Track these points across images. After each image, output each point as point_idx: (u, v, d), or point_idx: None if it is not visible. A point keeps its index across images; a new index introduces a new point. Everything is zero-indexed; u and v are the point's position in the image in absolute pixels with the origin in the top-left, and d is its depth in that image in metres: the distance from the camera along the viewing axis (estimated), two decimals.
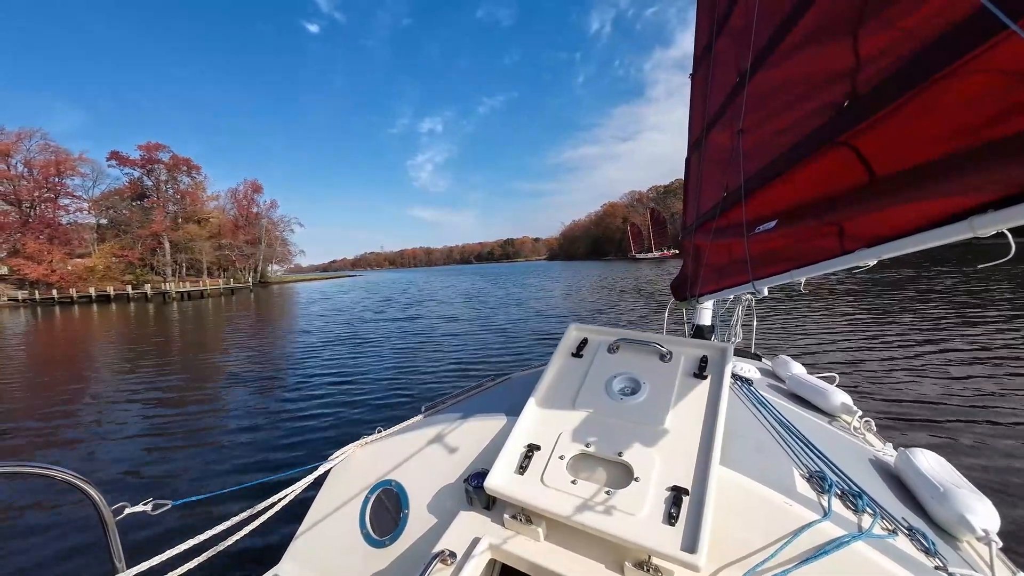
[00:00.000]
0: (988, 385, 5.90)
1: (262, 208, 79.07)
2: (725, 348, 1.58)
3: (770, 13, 1.62)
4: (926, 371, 6.63)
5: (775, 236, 1.66)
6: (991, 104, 0.77)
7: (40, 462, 1.03)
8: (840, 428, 2.09)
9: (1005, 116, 0.75)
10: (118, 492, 4.28)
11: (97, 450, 5.54)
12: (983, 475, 3.69)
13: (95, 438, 5.94)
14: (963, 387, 5.89)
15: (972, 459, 4.01)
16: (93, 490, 1.06)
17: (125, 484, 4.55)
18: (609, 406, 1.47)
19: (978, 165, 0.80)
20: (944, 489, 1.39)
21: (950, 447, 4.25)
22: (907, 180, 0.99)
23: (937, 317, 10.43)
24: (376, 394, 7.12)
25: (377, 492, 1.59)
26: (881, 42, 1.05)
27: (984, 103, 0.79)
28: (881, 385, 6.17)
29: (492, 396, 2.16)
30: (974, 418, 4.90)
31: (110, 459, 5.23)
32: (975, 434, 4.54)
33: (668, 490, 1.18)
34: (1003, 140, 0.75)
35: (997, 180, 0.77)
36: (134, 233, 57.38)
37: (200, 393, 8.09)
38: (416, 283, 52.12)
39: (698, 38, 2.81)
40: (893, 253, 1.10)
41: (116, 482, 4.58)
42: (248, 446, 5.35)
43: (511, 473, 1.32)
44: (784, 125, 1.58)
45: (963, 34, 0.79)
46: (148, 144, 61.26)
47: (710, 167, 2.74)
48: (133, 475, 4.76)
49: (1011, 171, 0.74)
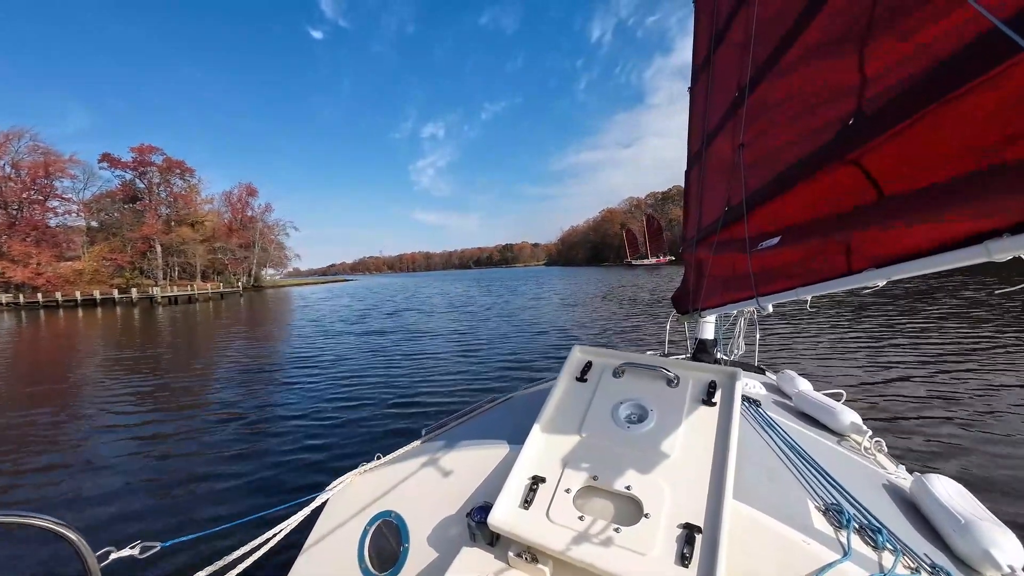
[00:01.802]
0: (1002, 402, 5.47)
1: (257, 211, 78.60)
2: (734, 373, 1.52)
3: (770, 27, 1.61)
4: (935, 385, 6.25)
5: (779, 253, 1.62)
6: (1007, 126, 0.75)
7: (15, 508, 0.94)
8: (851, 449, 2.03)
9: (1021, 139, 0.72)
10: (101, 533, 3.86)
11: (75, 486, 4.90)
12: (1002, 503, 3.40)
13: (72, 471, 5.28)
14: (978, 404, 5.46)
15: (989, 484, 3.71)
16: (75, 535, 0.98)
17: (108, 524, 4.04)
18: (616, 435, 1.42)
19: (993, 188, 0.78)
20: (965, 521, 1.33)
21: (966, 471, 3.93)
22: (918, 201, 0.96)
23: (945, 328, 9.91)
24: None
25: (377, 524, 1.52)
26: (888, 60, 1.03)
27: (999, 125, 0.77)
28: (889, 400, 5.81)
29: (494, 419, 2.11)
30: (990, 438, 4.55)
31: (90, 496, 4.60)
32: (991, 456, 4.18)
33: (680, 527, 1.14)
34: (1018, 163, 0.73)
35: (1012, 205, 0.75)
36: (124, 236, 56.69)
37: (183, 416, 7.26)
38: (408, 288, 51.42)
39: (697, 50, 2.79)
40: (904, 275, 1.07)
41: (99, 524, 4.05)
42: (237, 475, 4.86)
43: (515, 507, 1.28)
44: (787, 140, 1.54)
45: (976, 55, 0.78)
46: (141, 146, 60.83)
47: (711, 180, 2.67)
48: (116, 514, 4.20)
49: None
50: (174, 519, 4.06)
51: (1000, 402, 5.58)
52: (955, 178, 0.86)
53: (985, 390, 6.01)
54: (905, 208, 1.00)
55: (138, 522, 4.07)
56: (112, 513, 4.22)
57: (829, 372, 7.30)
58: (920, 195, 0.95)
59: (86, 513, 4.22)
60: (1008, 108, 0.74)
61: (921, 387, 6.30)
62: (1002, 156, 0.76)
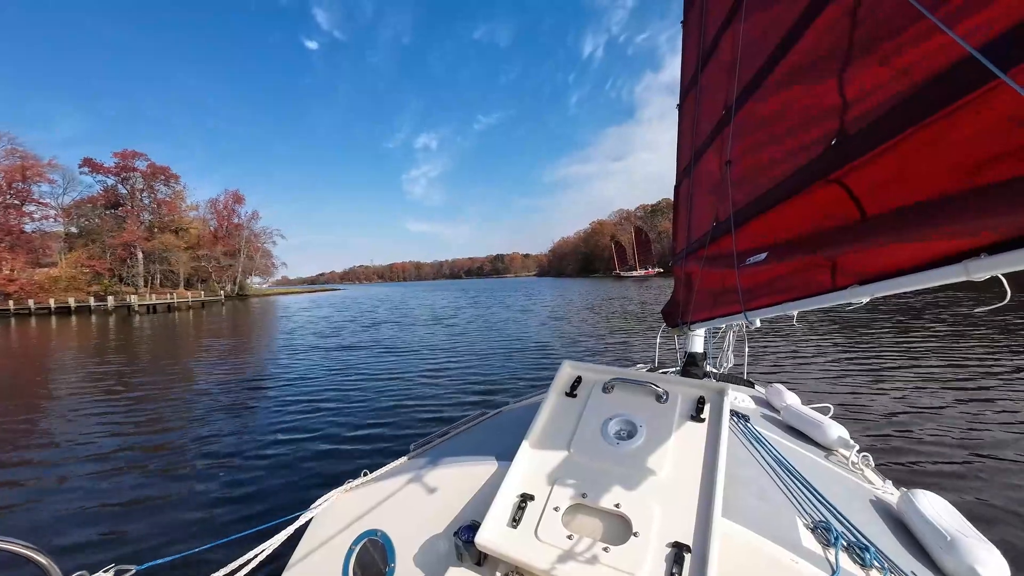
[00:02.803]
0: (987, 418, 5.53)
1: (243, 219, 77.49)
2: (723, 389, 1.53)
3: (755, 49, 1.65)
4: (921, 400, 6.31)
5: (766, 268, 1.64)
6: (984, 149, 0.78)
7: None
8: (838, 464, 2.06)
9: (998, 162, 0.75)
10: (72, 557, 3.62)
11: (41, 507, 4.50)
12: (987, 519, 3.44)
13: (36, 491, 4.89)
14: (963, 419, 5.50)
15: (974, 499, 3.76)
16: (44, 559, 0.94)
17: (80, 547, 3.76)
18: (605, 451, 1.42)
19: (971, 209, 0.81)
20: (951, 538, 1.36)
21: (951, 486, 3.98)
22: (899, 220, 0.99)
23: (933, 344, 9.90)
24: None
25: (362, 543, 1.49)
26: (868, 83, 1.06)
27: (976, 148, 0.80)
28: (875, 414, 5.82)
29: (483, 434, 2.11)
30: (975, 454, 4.60)
31: (59, 516, 4.25)
32: (976, 471, 4.24)
33: (669, 546, 1.13)
34: (996, 185, 0.75)
35: (991, 225, 0.77)
36: (104, 242, 55.32)
37: (155, 433, 6.82)
38: (392, 299, 50.68)
39: (685, 68, 2.85)
40: (886, 292, 1.09)
41: (70, 547, 3.77)
42: (216, 494, 4.57)
43: (503, 527, 1.26)
44: (773, 158, 1.57)
45: (953, 80, 0.81)
46: (124, 151, 59.82)
47: (700, 195, 2.71)
48: (88, 536, 3.92)
49: (1005, 217, 0.74)
50: (149, 541, 3.80)
51: (985, 417, 5.59)
52: (934, 199, 0.88)
53: (971, 405, 6.02)
54: (887, 227, 1.02)
55: (111, 545, 3.81)
56: (84, 536, 3.93)
57: (817, 386, 7.28)
58: (901, 214, 0.97)
59: (55, 536, 3.94)
60: (984, 132, 0.76)
61: (907, 402, 6.31)
62: (979, 179, 0.78)
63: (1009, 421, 5.42)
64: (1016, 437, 4.97)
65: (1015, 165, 0.71)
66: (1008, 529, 3.35)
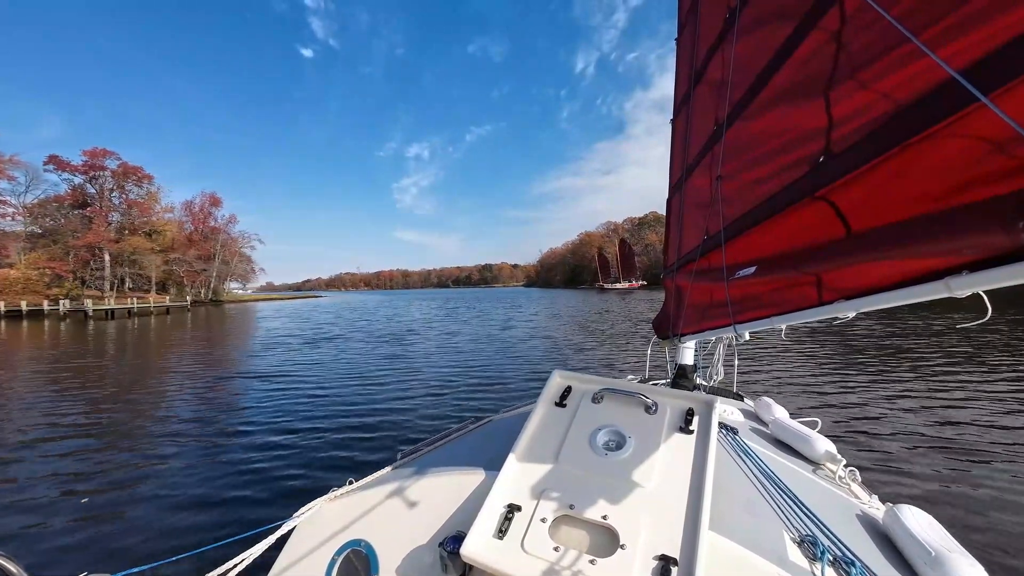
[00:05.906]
0: (972, 433, 5.56)
1: (220, 222, 75.42)
2: (711, 401, 1.54)
3: (745, 69, 1.70)
4: (908, 415, 6.35)
5: (755, 282, 1.67)
6: (965, 169, 0.80)
7: None
8: (825, 478, 2.05)
9: (978, 182, 0.77)
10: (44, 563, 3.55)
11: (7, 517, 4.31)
12: (971, 534, 3.47)
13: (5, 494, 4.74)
14: (945, 435, 5.55)
15: (958, 514, 3.79)
16: (15, 567, 0.92)
17: (54, 556, 3.66)
18: (593, 462, 1.41)
19: (952, 228, 0.83)
20: (935, 553, 1.37)
21: (936, 500, 4.04)
22: (883, 237, 1.02)
23: (919, 361, 9.88)
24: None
25: (345, 553, 1.46)
26: (852, 105, 1.09)
27: (958, 168, 0.81)
28: (862, 429, 5.84)
29: (471, 444, 2.11)
30: (959, 469, 4.63)
31: (28, 525, 4.13)
32: (958, 486, 4.29)
33: (656, 559, 1.13)
34: (977, 204, 0.77)
35: (971, 244, 0.79)
36: (67, 243, 52.96)
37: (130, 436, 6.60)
38: (367, 306, 49.17)
39: (678, 86, 3.03)
40: (871, 307, 1.11)
41: (41, 555, 3.67)
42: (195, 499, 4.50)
43: (489, 538, 1.25)
44: (762, 175, 1.61)
45: (935, 103, 0.83)
46: (94, 150, 57.64)
47: (691, 209, 2.77)
48: (60, 545, 3.81)
49: (984, 236, 0.76)
50: (125, 551, 3.70)
51: (970, 433, 5.59)
52: (917, 217, 0.91)
53: (956, 421, 6.03)
54: (871, 244, 1.04)
55: (82, 553, 3.67)
56: (56, 545, 3.82)
57: (806, 400, 7.33)
58: (885, 232, 1.00)
59: (24, 545, 3.83)
60: (965, 153, 0.78)
61: (894, 417, 6.29)
62: (960, 198, 0.80)
63: (994, 438, 5.40)
64: (1000, 453, 4.98)
65: (994, 186, 0.73)
66: (991, 544, 3.36)
